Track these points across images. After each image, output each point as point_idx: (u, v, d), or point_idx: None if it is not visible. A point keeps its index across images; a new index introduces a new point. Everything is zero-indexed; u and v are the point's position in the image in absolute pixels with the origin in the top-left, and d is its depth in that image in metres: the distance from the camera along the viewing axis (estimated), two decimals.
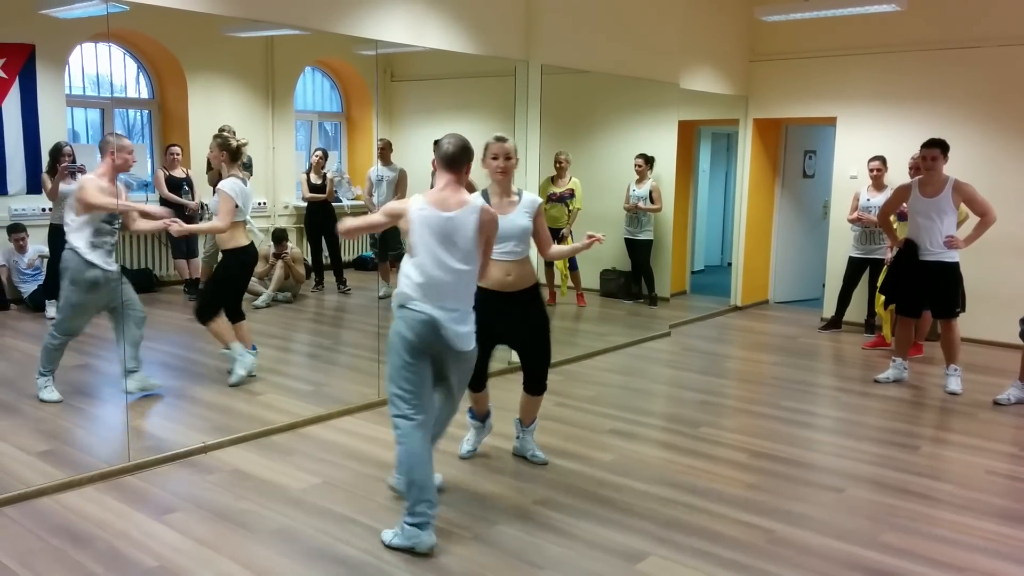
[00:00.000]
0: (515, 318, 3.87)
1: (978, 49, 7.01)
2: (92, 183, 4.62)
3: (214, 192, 5.31)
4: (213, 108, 7.53)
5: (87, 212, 4.61)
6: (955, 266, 5.53)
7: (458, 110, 8.59)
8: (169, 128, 7.60)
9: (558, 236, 7.52)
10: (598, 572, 3.12)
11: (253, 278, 7.42)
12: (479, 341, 3.43)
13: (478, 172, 3.76)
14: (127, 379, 4.82)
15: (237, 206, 5.07)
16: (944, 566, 3.22)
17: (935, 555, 3.31)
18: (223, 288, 5.30)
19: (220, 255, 5.29)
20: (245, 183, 5.22)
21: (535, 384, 4.07)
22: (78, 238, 4.63)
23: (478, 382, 4.00)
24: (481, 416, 4.23)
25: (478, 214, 3.27)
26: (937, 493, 3.94)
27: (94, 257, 4.65)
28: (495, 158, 3.77)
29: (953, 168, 5.63)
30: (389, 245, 7.82)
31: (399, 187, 7.74)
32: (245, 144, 5.27)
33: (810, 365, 6.47)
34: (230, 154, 5.17)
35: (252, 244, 5.31)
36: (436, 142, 3.39)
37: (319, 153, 8.10)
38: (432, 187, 3.40)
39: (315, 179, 8.01)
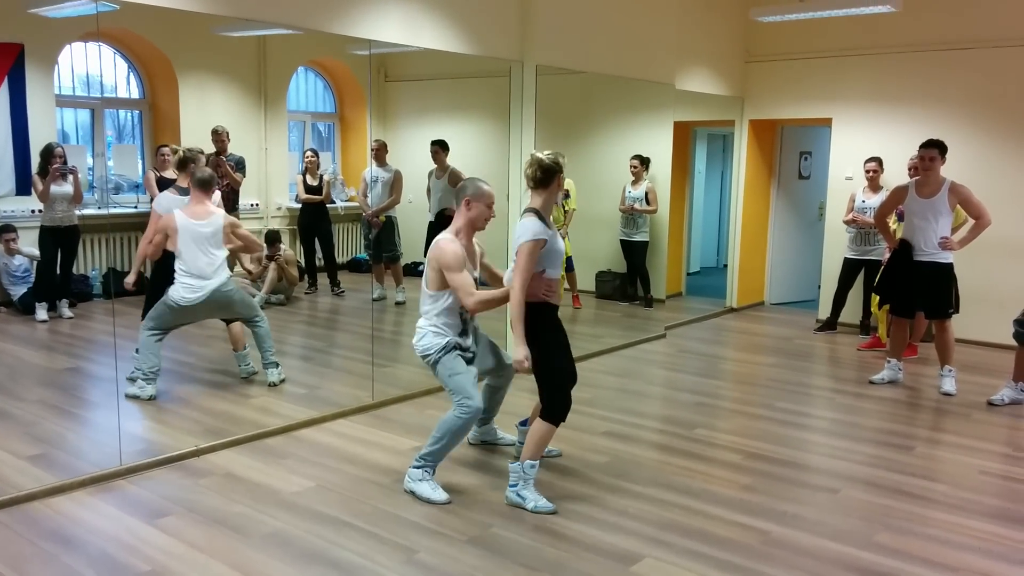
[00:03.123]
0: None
1: (973, 50, 7.01)
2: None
3: None
4: (205, 109, 7.50)
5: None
6: (949, 267, 5.53)
7: (452, 111, 8.58)
8: (160, 129, 7.55)
9: None
10: (593, 574, 3.10)
11: (246, 280, 7.39)
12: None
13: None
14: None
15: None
16: (938, 566, 3.22)
17: (929, 555, 3.31)
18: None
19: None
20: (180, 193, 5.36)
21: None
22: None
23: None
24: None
25: None
26: (931, 493, 3.94)
27: None
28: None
29: (948, 170, 5.63)
30: (383, 247, 7.80)
31: (394, 188, 7.71)
32: (183, 154, 5.43)
33: (805, 366, 6.47)
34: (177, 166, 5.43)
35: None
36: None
37: (310, 154, 8.07)
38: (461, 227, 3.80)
39: (311, 181, 7.97)
